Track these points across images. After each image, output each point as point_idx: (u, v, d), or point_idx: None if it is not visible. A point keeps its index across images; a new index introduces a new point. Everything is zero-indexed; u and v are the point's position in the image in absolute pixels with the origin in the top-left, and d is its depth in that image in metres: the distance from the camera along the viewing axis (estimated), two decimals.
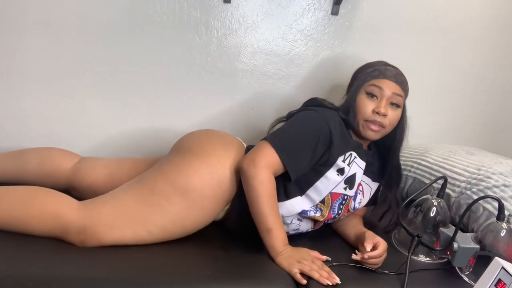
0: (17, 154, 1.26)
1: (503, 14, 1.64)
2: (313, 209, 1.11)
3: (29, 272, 0.85)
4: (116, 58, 1.47)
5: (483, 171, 1.18)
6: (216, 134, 1.18)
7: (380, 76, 1.15)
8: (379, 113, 1.11)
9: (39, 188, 1.04)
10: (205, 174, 1.04)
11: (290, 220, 1.12)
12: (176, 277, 0.90)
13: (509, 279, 0.76)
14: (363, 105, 1.13)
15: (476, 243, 1.00)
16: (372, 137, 1.14)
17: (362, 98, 1.14)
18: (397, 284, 0.96)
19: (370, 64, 1.21)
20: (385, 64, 1.20)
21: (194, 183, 1.03)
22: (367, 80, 1.16)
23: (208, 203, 1.05)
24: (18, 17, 1.39)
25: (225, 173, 1.06)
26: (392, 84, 1.14)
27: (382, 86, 1.13)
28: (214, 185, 1.04)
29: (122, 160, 1.26)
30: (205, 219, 1.07)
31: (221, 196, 1.07)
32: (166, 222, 1.01)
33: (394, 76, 1.15)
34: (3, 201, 0.98)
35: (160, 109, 1.54)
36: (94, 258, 0.93)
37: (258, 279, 0.94)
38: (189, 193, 1.02)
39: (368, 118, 1.12)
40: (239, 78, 1.55)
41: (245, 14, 1.50)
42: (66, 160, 1.25)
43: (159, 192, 1.01)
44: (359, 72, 1.21)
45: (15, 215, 0.97)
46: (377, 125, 1.12)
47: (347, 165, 1.10)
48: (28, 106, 1.46)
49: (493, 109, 1.75)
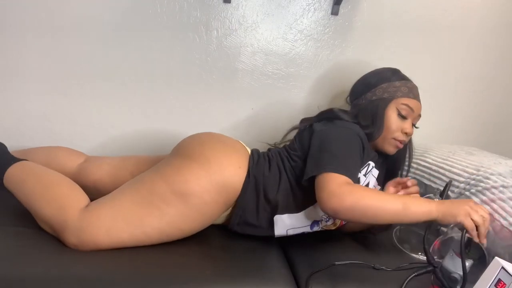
0: (24, 153, 1.28)
1: (503, 14, 1.64)
2: (325, 218, 1.11)
3: (28, 273, 0.85)
4: (116, 58, 1.47)
5: (482, 171, 1.18)
6: (219, 139, 1.15)
7: (411, 95, 1.17)
8: (407, 134, 1.16)
9: (66, 179, 1.09)
10: (205, 181, 1.02)
11: (301, 231, 1.12)
12: (176, 277, 0.90)
13: (509, 279, 0.76)
14: (394, 124, 1.16)
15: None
16: (392, 152, 1.19)
17: (393, 116, 1.16)
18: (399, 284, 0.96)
19: (395, 75, 1.20)
20: (407, 78, 1.22)
21: (194, 189, 1.01)
22: (397, 96, 1.16)
23: (207, 208, 1.04)
24: (18, 17, 1.39)
25: (225, 180, 1.04)
26: (419, 105, 1.20)
27: (413, 108, 1.17)
28: (213, 192, 1.03)
29: (126, 158, 1.26)
30: (203, 223, 1.06)
31: (221, 202, 1.05)
32: (163, 224, 1.00)
33: (418, 95, 1.20)
34: (34, 177, 1.07)
35: (160, 109, 1.54)
36: (93, 259, 0.93)
37: (258, 279, 0.94)
38: (187, 198, 1.01)
39: (398, 137, 1.16)
40: (239, 78, 1.55)
41: (245, 14, 1.50)
42: (71, 159, 1.27)
43: (157, 194, 1.01)
44: (383, 82, 1.19)
45: (35, 192, 1.03)
46: (402, 143, 1.18)
47: (363, 175, 1.10)
48: (28, 106, 1.46)
49: (492, 109, 1.75)
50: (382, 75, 1.21)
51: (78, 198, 1.03)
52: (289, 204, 1.07)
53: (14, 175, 1.10)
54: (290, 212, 1.07)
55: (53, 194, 1.02)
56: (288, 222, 1.08)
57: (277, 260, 1.03)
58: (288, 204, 1.06)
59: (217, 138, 1.15)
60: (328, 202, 0.93)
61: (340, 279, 0.95)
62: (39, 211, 1.00)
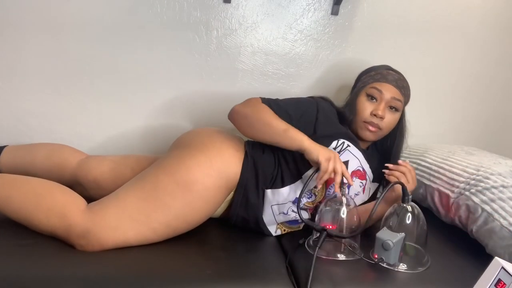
0: (28, 146, 1.30)
1: (503, 14, 1.64)
2: (307, 194, 1.12)
3: (29, 273, 0.85)
4: (116, 58, 1.47)
5: (482, 171, 1.18)
6: (215, 130, 1.20)
7: (382, 79, 1.19)
8: (376, 115, 1.16)
9: (55, 185, 1.06)
10: (205, 165, 1.05)
11: (286, 210, 1.13)
12: (176, 277, 0.90)
13: (509, 279, 0.76)
14: (362, 106, 1.18)
15: None
16: (368, 137, 1.20)
17: (362, 100, 1.19)
18: (398, 283, 0.97)
19: (373, 68, 1.26)
20: (388, 68, 1.24)
21: (195, 175, 1.04)
22: (369, 82, 1.21)
23: (211, 194, 1.06)
24: (18, 17, 1.39)
25: (224, 163, 1.08)
26: (393, 88, 1.18)
27: (382, 89, 1.17)
28: (215, 176, 1.06)
29: (127, 156, 1.28)
30: (208, 211, 1.08)
31: (223, 185, 1.08)
32: (169, 218, 1.01)
33: (395, 81, 1.19)
34: (19, 190, 1.01)
35: (160, 109, 1.54)
36: (93, 259, 0.93)
37: (258, 279, 0.94)
38: (191, 186, 1.03)
39: (366, 119, 1.17)
40: (239, 78, 1.55)
41: (245, 14, 1.50)
42: (73, 155, 1.27)
43: (161, 188, 1.02)
44: (362, 75, 1.27)
45: (26, 206, 0.99)
46: (375, 126, 1.18)
47: (338, 152, 1.13)
48: (28, 106, 1.46)
49: (492, 109, 1.76)
50: (367, 70, 1.27)
51: (75, 202, 1.02)
52: (276, 180, 1.11)
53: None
54: (275, 187, 1.11)
55: (48, 205, 0.99)
56: (272, 197, 1.11)
57: (277, 260, 1.04)
58: (275, 180, 1.11)
59: (213, 130, 1.20)
60: (236, 105, 1.12)
61: (340, 279, 0.95)
62: (39, 225, 0.99)
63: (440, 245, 1.17)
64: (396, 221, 1.04)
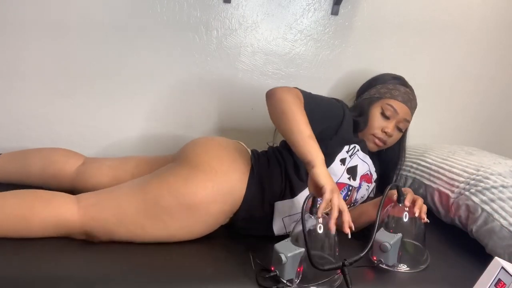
0: (21, 156, 1.26)
1: (503, 14, 1.64)
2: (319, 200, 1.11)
3: (29, 273, 0.85)
4: (116, 58, 1.47)
5: (482, 171, 1.18)
6: (222, 145, 1.14)
7: (399, 98, 1.22)
8: (387, 133, 1.20)
9: (35, 197, 0.99)
10: (211, 191, 1.02)
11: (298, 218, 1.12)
12: (176, 277, 0.90)
13: (509, 279, 0.76)
14: (376, 121, 1.21)
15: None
16: (372, 148, 1.24)
17: (376, 113, 1.22)
18: (398, 284, 0.97)
19: (390, 79, 1.28)
20: (404, 84, 1.27)
21: (201, 201, 1.01)
22: (385, 96, 1.23)
23: (212, 219, 1.05)
24: (19, 17, 1.39)
25: (231, 187, 1.05)
26: (406, 110, 1.23)
27: (397, 109, 1.21)
28: (220, 201, 1.04)
29: (126, 160, 1.26)
30: (206, 232, 1.07)
31: (227, 210, 1.07)
32: (164, 236, 1.01)
33: (409, 101, 1.24)
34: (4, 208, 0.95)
35: (160, 109, 1.54)
36: (94, 259, 0.93)
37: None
38: (194, 211, 1.01)
39: (376, 134, 1.21)
40: (239, 78, 1.55)
41: (245, 14, 1.50)
42: (70, 162, 1.24)
43: (163, 206, 1.00)
44: (378, 82, 1.28)
45: (16, 229, 0.95)
46: (381, 141, 1.22)
47: (349, 156, 1.15)
48: (28, 106, 1.46)
49: (492, 109, 1.76)
50: (382, 78, 1.29)
51: (63, 205, 0.98)
52: (285, 192, 1.10)
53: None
54: (286, 198, 1.09)
55: (39, 219, 0.95)
56: (282, 210, 1.10)
57: None
58: (284, 192, 1.10)
59: (221, 144, 1.15)
60: (278, 88, 1.04)
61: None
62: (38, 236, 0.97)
63: (440, 245, 1.17)
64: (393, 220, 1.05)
